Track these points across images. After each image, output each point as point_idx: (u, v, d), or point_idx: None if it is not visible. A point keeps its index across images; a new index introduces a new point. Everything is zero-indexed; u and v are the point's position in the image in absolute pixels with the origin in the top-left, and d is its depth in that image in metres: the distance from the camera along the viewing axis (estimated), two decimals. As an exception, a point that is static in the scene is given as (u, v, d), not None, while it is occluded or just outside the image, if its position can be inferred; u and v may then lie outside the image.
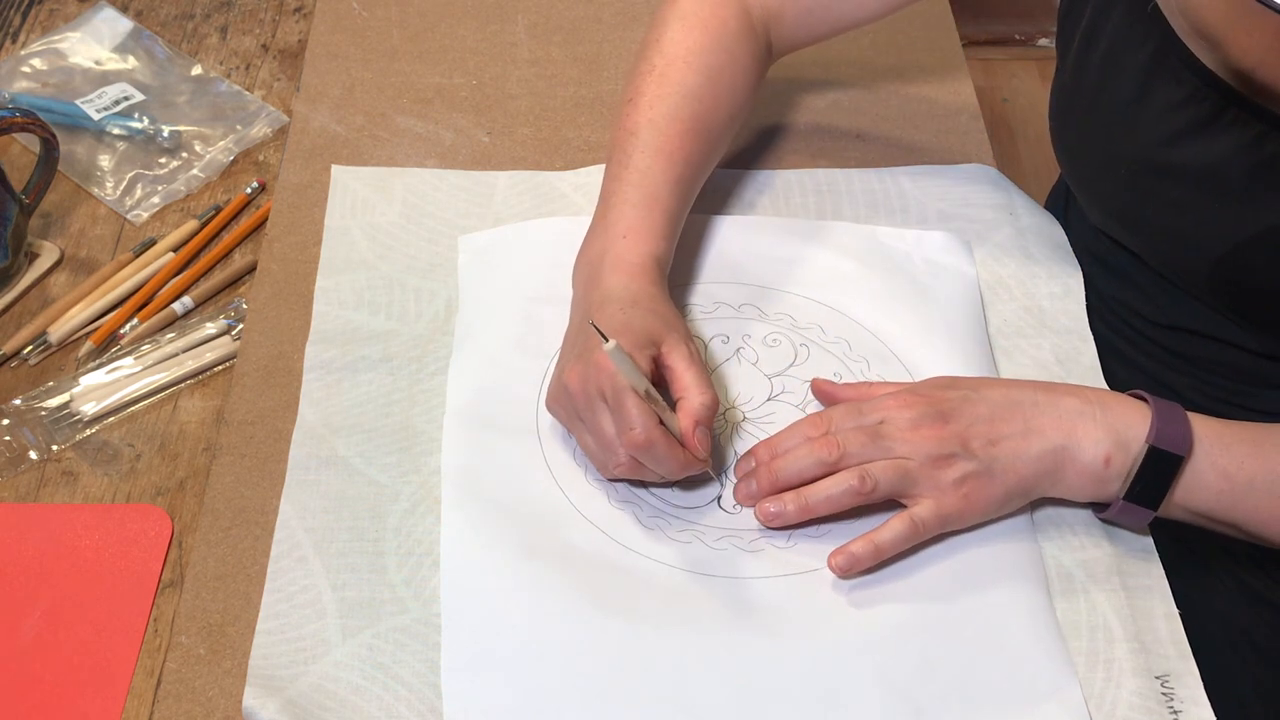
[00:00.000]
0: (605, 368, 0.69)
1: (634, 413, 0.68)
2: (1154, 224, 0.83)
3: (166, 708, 0.66)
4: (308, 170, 0.94)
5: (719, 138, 0.86)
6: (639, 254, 0.77)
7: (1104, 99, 0.82)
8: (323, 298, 0.85)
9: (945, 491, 0.70)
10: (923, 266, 0.88)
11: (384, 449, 0.77)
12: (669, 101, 0.83)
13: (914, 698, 0.66)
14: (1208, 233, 0.79)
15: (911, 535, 0.70)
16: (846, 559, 0.70)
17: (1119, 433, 0.71)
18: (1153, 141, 0.79)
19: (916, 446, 0.70)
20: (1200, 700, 0.68)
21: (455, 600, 0.69)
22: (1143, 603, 0.72)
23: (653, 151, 0.81)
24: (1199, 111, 0.76)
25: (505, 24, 1.08)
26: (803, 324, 0.85)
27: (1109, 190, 0.85)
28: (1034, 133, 2.21)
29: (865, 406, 0.73)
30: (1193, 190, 0.78)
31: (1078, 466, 0.71)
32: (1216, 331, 0.85)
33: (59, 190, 0.98)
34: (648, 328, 0.72)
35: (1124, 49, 0.80)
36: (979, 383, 0.74)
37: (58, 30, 1.11)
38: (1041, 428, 0.71)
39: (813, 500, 0.71)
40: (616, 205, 0.80)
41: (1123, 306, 0.91)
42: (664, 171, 0.81)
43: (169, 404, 0.85)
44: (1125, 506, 0.71)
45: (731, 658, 0.67)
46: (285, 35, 1.13)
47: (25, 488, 0.80)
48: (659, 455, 0.69)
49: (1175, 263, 0.84)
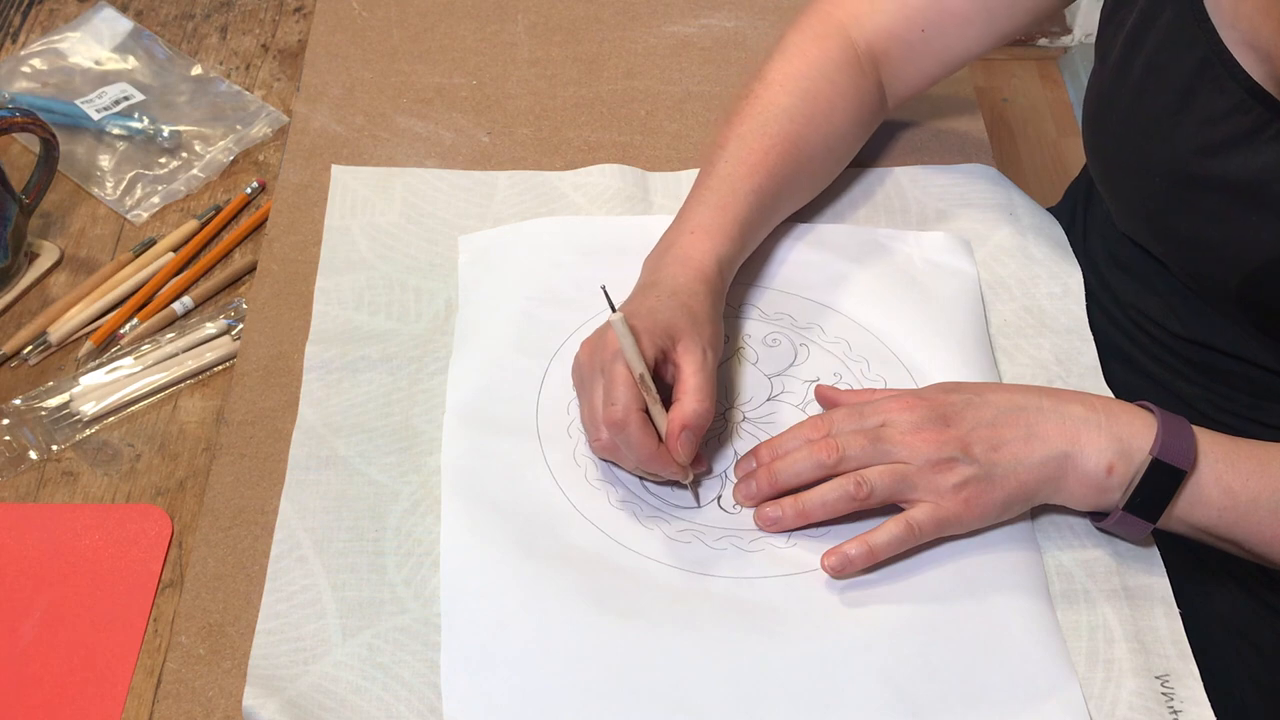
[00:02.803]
0: (611, 343, 0.71)
1: (619, 389, 0.69)
2: (1185, 233, 0.81)
3: (166, 708, 0.66)
4: (308, 170, 0.94)
5: (811, 159, 0.87)
6: (700, 250, 0.78)
7: (1144, 104, 0.81)
8: (323, 298, 0.85)
9: (944, 496, 0.70)
10: (923, 267, 0.88)
11: (384, 449, 0.77)
12: (759, 118, 0.85)
13: (914, 697, 0.66)
14: (1240, 246, 0.78)
15: (907, 538, 0.70)
16: (840, 560, 0.70)
17: (1123, 442, 0.70)
18: (1192, 150, 0.78)
19: (916, 450, 0.70)
20: (1200, 700, 0.68)
21: (455, 600, 0.69)
22: (1143, 602, 0.72)
23: (736, 161, 0.83)
24: (1242, 123, 0.75)
25: (505, 24, 1.08)
26: (803, 324, 0.85)
27: (1141, 196, 0.84)
28: (1034, 133, 2.21)
29: (867, 409, 0.73)
30: (1229, 202, 0.77)
31: (1080, 474, 0.71)
32: (1236, 346, 0.84)
33: (59, 190, 0.98)
34: (671, 321, 0.73)
35: (1169, 55, 0.78)
36: (983, 387, 0.74)
37: (58, 30, 1.11)
38: (1045, 434, 0.71)
39: (809, 506, 0.71)
40: (692, 205, 0.82)
41: (1141, 315, 0.89)
42: (744, 179, 0.82)
43: (169, 404, 0.85)
44: (1124, 517, 0.71)
45: (731, 657, 0.67)
46: (285, 35, 1.13)
47: (25, 488, 0.80)
48: (631, 439, 0.70)
49: (1203, 274, 0.82)
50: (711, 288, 0.77)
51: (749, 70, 1.04)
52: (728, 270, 0.80)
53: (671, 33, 1.08)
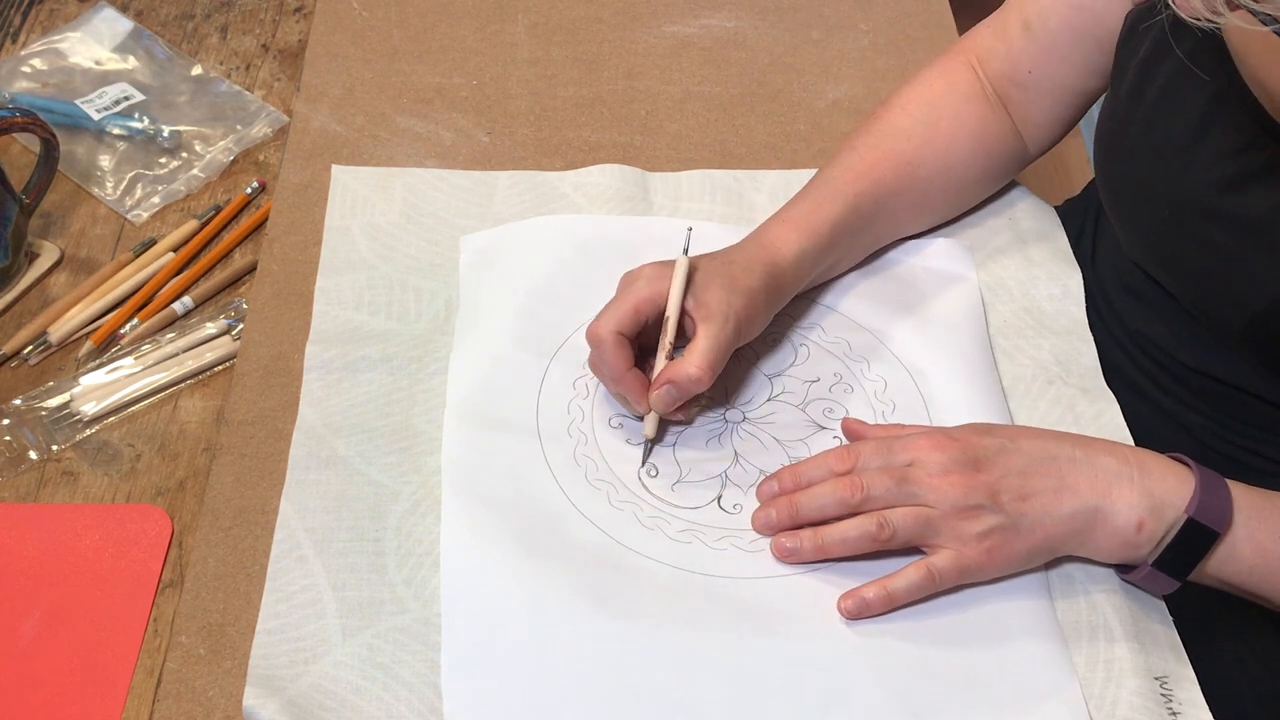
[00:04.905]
0: (641, 273, 0.76)
1: (613, 310, 0.74)
2: (1194, 268, 0.80)
3: (166, 708, 0.66)
4: (308, 170, 0.94)
5: (927, 180, 0.87)
6: (782, 238, 0.80)
7: (1156, 135, 0.79)
8: (323, 298, 0.85)
9: (967, 543, 0.68)
10: (923, 275, 0.88)
11: (384, 449, 0.77)
12: (875, 135, 0.87)
13: (914, 697, 0.66)
14: (1249, 284, 0.76)
15: (926, 585, 0.69)
16: (857, 604, 0.69)
17: (1155, 498, 0.69)
18: (1204, 185, 0.77)
19: (943, 494, 0.68)
20: (1198, 703, 0.68)
21: (455, 600, 0.69)
22: (1142, 603, 0.72)
23: (843, 169, 0.85)
24: (1256, 160, 0.74)
25: (505, 24, 1.08)
26: (803, 324, 0.85)
27: (1150, 227, 0.83)
28: (1034, 133, 2.20)
29: (896, 445, 0.71)
30: (1240, 239, 0.76)
31: (1109, 529, 0.69)
32: (1243, 380, 0.83)
33: (59, 190, 0.98)
34: (707, 284, 0.75)
35: (1184, 87, 0.77)
36: (1017, 432, 0.72)
37: (58, 30, 1.11)
38: (1076, 486, 0.69)
39: (828, 541, 0.70)
40: (794, 200, 0.84)
41: (1149, 342, 0.88)
42: (848, 185, 0.84)
43: (169, 404, 0.85)
44: (1152, 573, 0.70)
45: (731, 657, 0.67)
46: (285, 35, 1.13)
47: (25, 488, 0.80)
48: (603, 355, 0.74)
49: (1211, 309, 0.81)
50: (774, 272, 0.78)
51: (749, 70, 1.04)
52: (807, 265, 0.81)
53: (671, 33, 1.08)
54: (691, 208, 0.93)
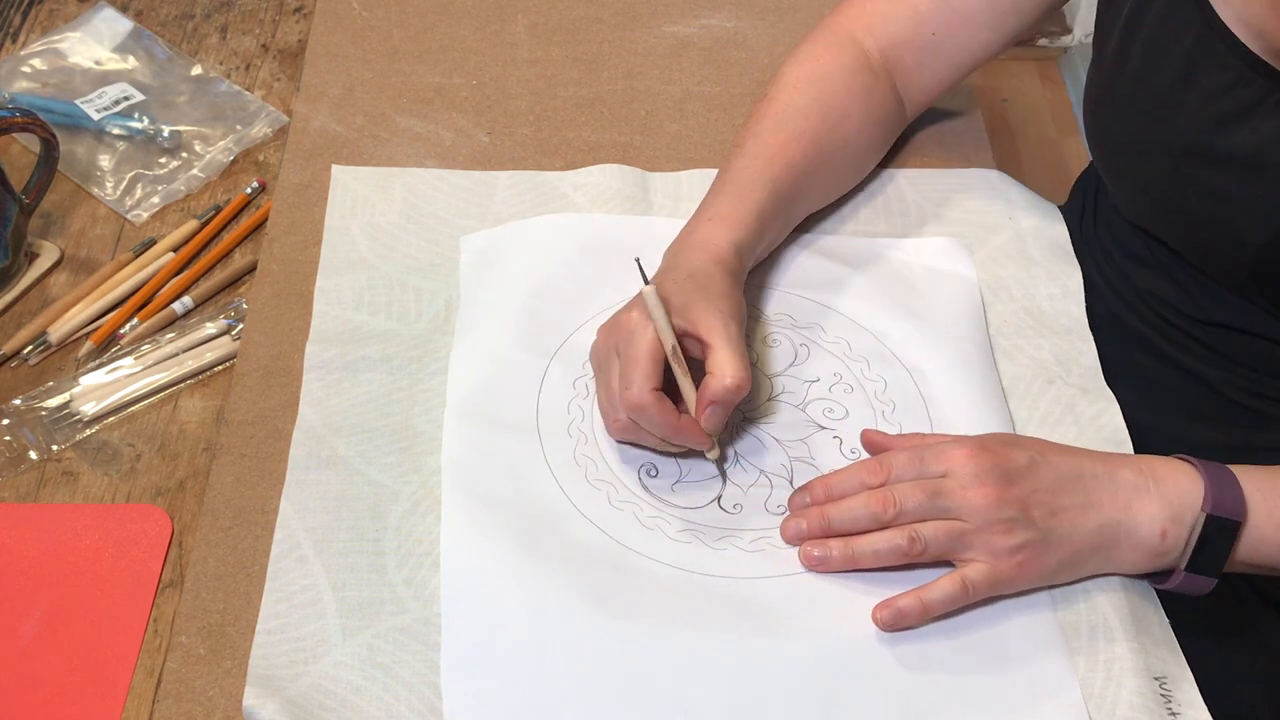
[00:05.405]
0: (626, 325, 0.73)
1: (633, 371, 0.71)
2: (1195, 213, 0.81)
3: (166, 708, 0.66)
4: (308, 170, 0.94)
5: (829, 156, 0.88)
6: (717, 236, 0.80)
7: (1145, 86, 0.81)
8: (323, 298, 0.85)
9: (1000, 556, 0.68)
10: (922, 274, 0.88)
11: (384, 449, 0.77)
12: (776, 117, 0.87)
13: (913, 697, 0.66)
14: (1251, 220, 0.78)
15: (961, 597, 0.69)
16: (893, 615, 0.68)
17: (1173, 505, 0.69)
18: (1196, 127, 0.78)
19: (975, 508, 0.68)
20: (1197, 703, 0.68)
21: (455, 600, 0.69)
22: (1142, 603, 0.72)
23: (753, 156, 0.85)
24: (1244, 96, 0.75)
25: (505, 24, 1.08)
26: (803, 324, 0.85)
27: (1147, 180, 0.84)
28: (1034, 133, 2.21)
29: (928, 455, 0.71)
30: (1237, 177, 0.77)
31: (1133, 541, 0.70)
32: (1253, 326, 0.84)
33: (59, 190, 0.98)
34: (688, 300, 0.74)
35: (1167, 35, 0.79)
36: (1046, 447, 0.72)
37: (58, 30, 1.11)
38: (1099, 502, 0.70)
39: (859, 553, 0.70)
40: (711, 196, 0.84)
41: (1158, 300, 0.89)
42: (760, 171, 0.84)
43: (169, 404, 0.85)
44: (1188, 577, 0.70)
45: (731, 658, 0.67)
46: (285, 35, 1.13)
47: (25, 488, 0.80)
48: (652, 419, 0.71)
49: (1215, 253, 0.82)
50: (727, 269, 0.78)
51: (749, 70, 1.04)
52: (745, 255, 0.81)
53: (671, 33, 1.08)
54: (691, 208, 0.92)
